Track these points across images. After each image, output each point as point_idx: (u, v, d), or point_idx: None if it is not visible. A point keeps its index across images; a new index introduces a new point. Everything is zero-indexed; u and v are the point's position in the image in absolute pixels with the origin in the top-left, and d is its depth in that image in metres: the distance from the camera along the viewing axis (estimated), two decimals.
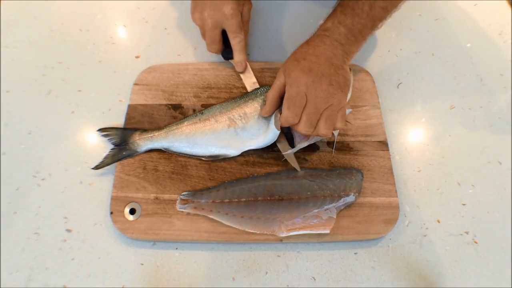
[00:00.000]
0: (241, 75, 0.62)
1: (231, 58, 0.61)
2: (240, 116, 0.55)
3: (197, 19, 0.58)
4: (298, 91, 0.48)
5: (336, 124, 0.49)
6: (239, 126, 0.55)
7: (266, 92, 0.55)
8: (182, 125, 0.56)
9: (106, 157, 0.54)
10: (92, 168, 0.54)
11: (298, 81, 0.48)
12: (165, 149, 0.55)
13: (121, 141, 0.55)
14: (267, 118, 0.54)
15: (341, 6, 0.52)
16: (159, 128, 0.56)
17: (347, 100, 0.51)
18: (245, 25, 0.60)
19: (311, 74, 0.48)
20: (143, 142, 0.55)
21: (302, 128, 0.49)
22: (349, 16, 0.51)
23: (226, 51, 0.61)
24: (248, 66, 0.62)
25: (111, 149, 0.55)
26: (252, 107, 0.55)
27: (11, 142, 0.58)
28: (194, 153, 0.55)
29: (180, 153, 0.55)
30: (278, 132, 0.52)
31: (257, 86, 0.60)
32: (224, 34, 0.59)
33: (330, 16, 0.53)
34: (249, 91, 0.60)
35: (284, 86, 0.50)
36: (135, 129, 0.56)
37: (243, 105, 0.56)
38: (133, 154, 0.55)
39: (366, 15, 0.51)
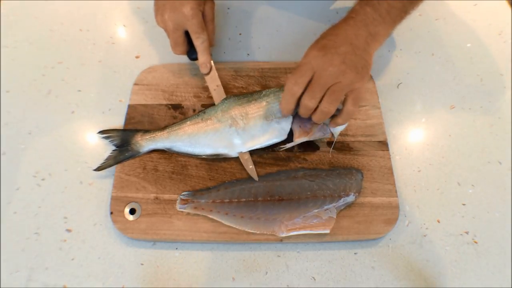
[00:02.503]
0: (205, 77, 0.60)
1: (197, 58, 0.59)
2: (242, 116, 0.55)
3: (160, 22, 0.57)
4: (306, 62, 0.48)
5: (346, 106, 0.48)
6: (240, 126, 0.55)
7: (271, 94, 0.55)
8: (184, 124, 0.56)
9: (108, 159, 0.54)
10: (94, 170, 0.54)
11: (308, 54, 0.48)
12: (168, 149, 0.55)
13: (122, 142, 0.55)
14: (268, 119, 0.54)
15: None
16: (161, 128, 0.56)
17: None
18: (209, 24, 0.58)
19: (323, 49, 0.47)
20: (146, 143, 0.55)
21: (304, 98, 0.48)
22: None
23: (191, 51, 0.59)
24: (213, 68, 0.60)
25: (113, 150, 0.55)
26: (254, 108, 0.55)
27: (11, 142, 0.58)
28: (196, 153, 0.55)
29: (182, 153, 0.55)
30: (283, 136, 0.53)
31: (221, 89, 0.59)
32: (188, 34, 0.57)
33: (358, 0, 0.52)
34: (212, 94, 0.59)
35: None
36: (137, 130, 0.56)
37: (246, 105, 0.56)
38: (135, 155, 0.55)
39: None
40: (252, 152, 0.55)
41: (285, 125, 0.54)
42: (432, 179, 0.55)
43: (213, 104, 0.58)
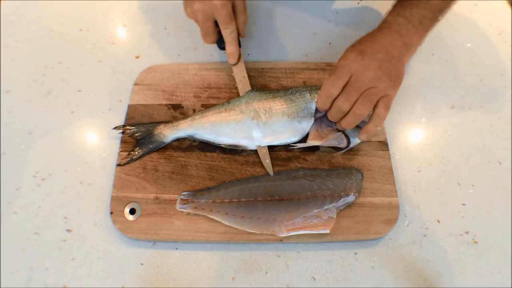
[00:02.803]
0: (233, 67, 0.61)
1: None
2: (265, 110, 0.55)
3: (190, 14, 0.57)
4: (344, 64, 0.49)
5: (377, 110, 0.49)
6: (262, 120, 0.55)
7: (296, 92, 0.56)
8: (208, 113, 0.57)
9: (132, 153, 0.55)
10: (117, 165, 0.54)
11: (346, 57, 0.49)
12: (190, 136, 0.56)
13: (145, 135, 0.56)
14: (290, 117, 0.55)
15: (400, 0, 0.53)
16: (183, 117, 0.57)
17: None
18: (240, 14, 0.57)
19: (362, 54, 0.49)
20: (169, 132, 0.56)
21: (339, 100, 0.49)
22: (408, 7, 0.52)
23: (221, 41, 0.59)
24: (241, 59, 0.61)
25: (136, 144, 0.55)
26: (279, 104, 0.56)
27: (11, 142, 0.58)
28: (217, 142, 0.56)
29: (203, 140, 0.56)
30: (301, 135, 0.55)
31: (247, 81, 0.60)
32: (218, 25, 0.57)
33: (390, 11, 0.54)
34: (238, 85, 0.60)
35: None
36: (159, 122, 0.57)
37: (271, 100, 0.56)
38: (159, 145, 0.56)
39: (424, 5, 0.52)
40: (252, 152, 0.55)
41: (306, 126, 0.55)
42: (432, 179, 0.55)
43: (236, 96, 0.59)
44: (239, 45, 0.59)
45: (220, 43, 0.59)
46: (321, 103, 0.51)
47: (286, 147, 0.56)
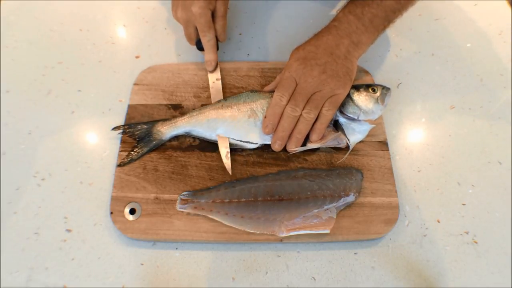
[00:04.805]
0: (208, 74, 0.62)
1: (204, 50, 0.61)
2: (263, 110, 0.55)
3: (175, 17, 0.60)
4: (288, 76, 0.51)
5: (322, 109, 0.51)
6: (259, 119, 0.55)
7: None
8: (205, 109, 0.57)
9: (132, 153, 0.55)
10: (118, 166, 0.54)
11: (290, 68, 0.52)
12: (187, 133, 0.56)
13: (144, 134, 0.56)
14: None
15: None
16: (181, 114, 0.57)
17: (371, 112, 0.54)
18: (219, 19, 0.59)
19: (304, 62, 0.51)
20: (167, 130, 0.56)
21: (287, 109, 0.51)
22: (359, 5, 0.53)
23: (199, 42, 0.60)
24: (218, 67, 0.62)
25: (135, 144, 0.55)
26: None
27: (11, 142, 0.58)
28: (213, 139, 0.56)
29: (201, 137, 0.56)
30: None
31: (219, 84, 0.61)
32: None
33: (342, 8, 0.55)
34: (211, 89, 0.60)
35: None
36: (156, 121, 0.57)
37: (268, 100, 0.56)
38: (159, 144, 0.56)
39: (377, 5, 0.53)
40: (252, 152, 0.55)
41: None
42: (432, 179, 0.55)
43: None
44: (217, 48, 0.61)
45: (199, 45, 0.61)
46: (272, 114, 0.52)
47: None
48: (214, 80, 0.61)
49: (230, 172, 0.53)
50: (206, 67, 0.61)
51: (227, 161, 0.54)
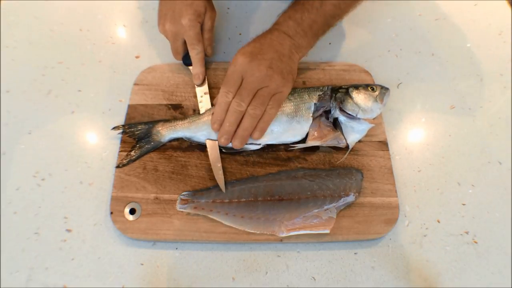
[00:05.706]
0: (196, 88, 0.60)
1: (191, 65, 0.60)
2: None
3: (161, 31, 0.59)
4: (234, 70, 0.51)
5: (267, 107, 0.51)
6: None
7: (295, 93, 0.56)
8: (204, 114, 0.56)
9: (131, 153, 0.54)
10: (116, 167, 0.54)
11: (235, 62, 0.51)
12: (187, 138, 0.56)
13: (144, 135, 0.56)
14: (289, 117, 0.54)
15: (293, 4, 0.55)
16: (181, 118, 0.57)
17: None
18: (206, 33, 0.59)
19: (250, 56, 0.50)
20: (167, 132, 0.56)
21: (233, 104, 0.50)
22: (299, 11, 0.53)
23: (186, 57, 0.60)
24: (206, 81, 0.61)
25: (135, 144, 0.55)
26: None
27: (11, 142, 0.58)
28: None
29: (201, 143, 0.55)
30: (300, 136, 0.54)
31: (207, 97, 0.59)
32: None
33: (282, 13, 0.56)
34: (198, 103, 0.59)
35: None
36: (157, 121, 0.57)
37: None
38: (157, 145, 0.55)
39: (316, 10, 0.53)
40: (252, 152, 0.55)
41: (305, 126, 0.54)
42: (432, 179, 0.55)
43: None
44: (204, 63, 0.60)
45: (186, 60, 0.60)
46: (220, 110, 0.51)
47: (286, 147, 0.56)
48: (202, 94, 0.60)
49: (224, 190, 0.51)
50: (193, 81, 0.60)
51: (220, 177, 0.52)
